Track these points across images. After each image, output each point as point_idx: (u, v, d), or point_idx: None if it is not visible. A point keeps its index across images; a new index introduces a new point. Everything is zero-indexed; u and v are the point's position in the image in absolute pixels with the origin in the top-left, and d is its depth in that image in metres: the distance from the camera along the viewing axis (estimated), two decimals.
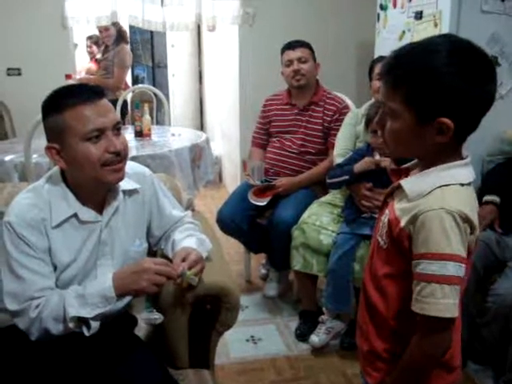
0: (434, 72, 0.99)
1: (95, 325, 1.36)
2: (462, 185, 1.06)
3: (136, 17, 3.97)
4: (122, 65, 4.72)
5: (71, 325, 1.34)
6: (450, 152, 1.07)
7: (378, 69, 2.56)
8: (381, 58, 2.64)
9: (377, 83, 2.56)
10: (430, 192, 1.05)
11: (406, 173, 1.19)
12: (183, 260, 1.48)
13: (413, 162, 1.20)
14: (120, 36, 4.74)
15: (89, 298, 1.36)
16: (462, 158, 1.09)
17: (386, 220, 1.14)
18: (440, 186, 1.04)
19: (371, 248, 1.25)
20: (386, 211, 1.16)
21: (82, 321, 1.35)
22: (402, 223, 1.07)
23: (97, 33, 5.04)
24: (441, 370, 1.14)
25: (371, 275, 1.21)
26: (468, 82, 0.98)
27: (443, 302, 1.00)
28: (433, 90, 0.99)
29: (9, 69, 4.06)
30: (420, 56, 1.02)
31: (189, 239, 1.61)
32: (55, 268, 1.43)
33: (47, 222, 1.41)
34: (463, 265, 1.01)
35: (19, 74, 4.08)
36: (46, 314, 1.34)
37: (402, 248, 1.08)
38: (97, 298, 1.36)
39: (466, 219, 1.02)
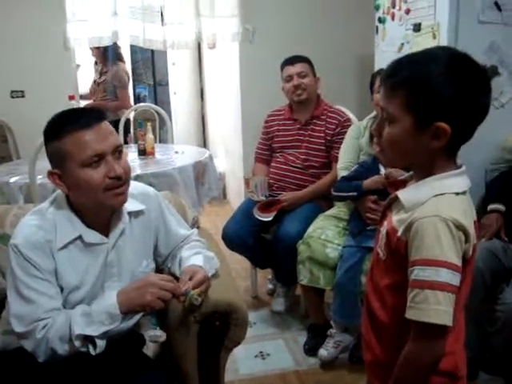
0: (432, 78, 1.03)
1: (101, 343, 1.36)
2: (457, 193, 1.08)
3: (137, 36, 4.01)
4: (123, 85, 4.77)
5: (77, 343, 1.34)
6: (444, 161, 1.09)
7: (378, 82, 2.58)
8: (381, 71, 2.65)
9: (378, 96, 2.57)
10: (425, 201, 1.07)
11: (404, 185, 1.21)
12: (190, 278, 1.47)
13: (409, 174, 1.22)
14: (115, 55, 4.78)
15: (94, 316, 1.36)
16: (457, 168, 1.11)
17: (385, 232, 1.15)
18: (435, 195, 1.06)
19: (372, 260, 1.26)
20: (385, 223, 1.18)
21: (88, 340, 1.35)
22: (399, 232, 1.09)
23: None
24: (445, 379, 1.13)
25: (373, 287, 1.22)
26: (463, 90, 1.02)
27: (436, 308, 1.00)
28: (431, 95, 1.02)
29: (12, 91, 4.10)
30: (420, 63, 1.07)
31: (196, 257, 1.61)
32: (62, 290, 1.43)
33: (53, 244, 1.41)
34: (457, 273, 1.02)
35: (23, 97, 4.12)
36: (53, 334, 1.34)
37: (400, 258, 1.09)
38: (102, 316, 1.36)
39: (461, 227, 1.03)
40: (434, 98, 1.03)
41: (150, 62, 7.85)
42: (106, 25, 3.96)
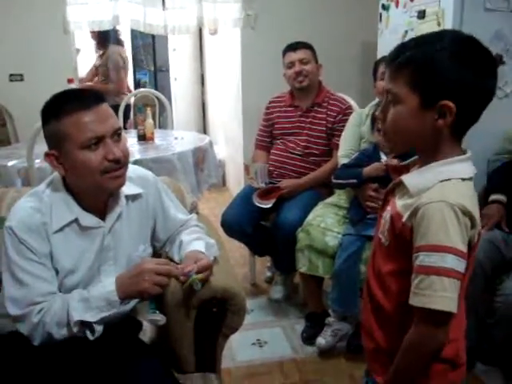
0: (437, 57, 1.02)
1: (99, 329, 1.35)
2: (463, 179, 1.07)
3: (138, 21, 3.97)
4: (117, 67, 4.74)
5: (75, 329, 1.33)
6: (450, 145, 1.08)
7: (382, 69, 2.55)
8: (385, 58, 2.62)
9: (381, 83, 2.54)
10: (431, 186, 1.05)
11: (407, 170, 1.20)
12: (195, 262, 1.46)
13: (412, 159, 1.21)
14: (107, 37, 4.74)
15: (93, 302, 1.35)
16: (463, 153, 1.10)
17: (388, 217, 1.14)
18: (441, 181, 1.05)
19: (373, 246, 1.25)
20: (388, 208, 1.16)
21: (86, 325, 1.34)
22: (404, 218, 1.07)
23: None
24: (446, 366, 1.12)
25: (374, 273, 1.20)
26: (469, 70, 1.01)
27: (442, 295, 0.99)
28: (436, 73, 1.02)
29: (11, 75, 4.07)
30: (425, 43, 1.07)
31: (198, 242, 1.60)
32: (57, 273, 1.42)
33: (48, 227, 1.40)
34: (462, 259, 1.01)
35: (22, 80, 4.09)
36: (50, 319, 1.33)
37: (405, 243, 1.08)
38: (101, 302, 1.36)
39: (467, 212, 1.02)
40: (439, 76, 1.02)
41: (150, 47, 7.79)
42: (107, 9, 3.91)
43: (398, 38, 3.03)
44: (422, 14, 2.81)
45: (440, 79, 1.02)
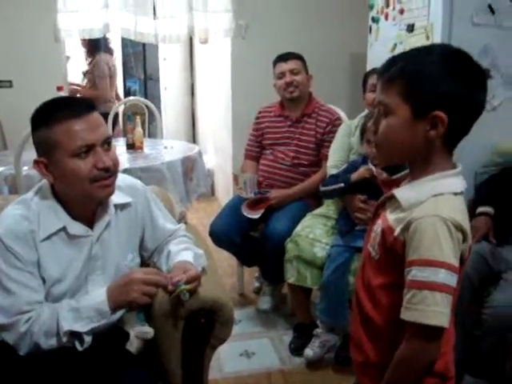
0: (428, 68, 1.04)
1: (88, 339, 1.34)
2: (456, 194, 1.07)
3: (128, 29, 3.96)
4: (102, 74, 4.77)
5: (64, 339, 1.32)
6: (441, 158, 1.09)
7: (371, 80, 2.56)
8: (374, 71, 2.64)
9: (371, 95, 2.56)
10: (424, 201, 1.05)
11: (397, 184, 1.20)
12: (183, 272, 1.45)
13: (403, 173, 1.21)
14: (97, 45, 4.77)
15: (83, 312, 1.34)
16: (454, 167, 1.10)
17: (379, 230, 1.14)
18: (434, 195, 1.05)
19: (362, 258, 1.25)
20: (379, 221, 1.16)
21: (76, 335, 1.33)
22: (396, 232, 1.07)
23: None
24: (436, 380, 1.12)
25: (364, 286, 1.20)
26: (459, 81, 1.03)
27: (434, 310, 1.00)
28: (428, 84, 1.03)
29: (0, 81, 4.04)
30: (416, 55, 1.09)
31: (186, 252, 1.59)
32: (44, 282, 1.40)
33: (36, 235, 1.38)
34: (454, 274, 1.01)
35: (10, 87, 4.06)
36: (38, 329, 1.32)
37: (396, 257, 1.08)
38: (91, 312, 1.35)
39: (459, 227, 1.02)
40: (430, 87, 1.03)
41: (141, 55, 7.79)
42: (97, 16, 3.90)
43: (387, 50, 3.04)
44: (411, 28, 2.83)
45: (431, 90, 1.03)
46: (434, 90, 1.03)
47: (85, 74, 4.90)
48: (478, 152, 2.54)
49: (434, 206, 1.04)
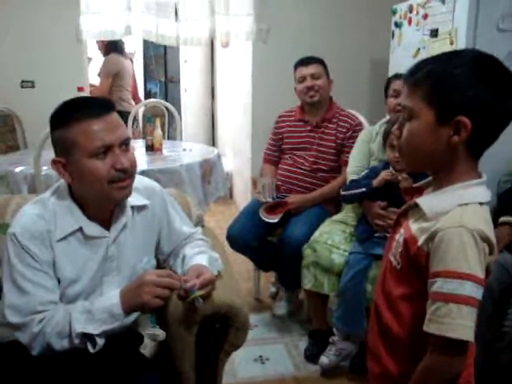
0: (455, 72, 1.01)
1: (101, 342, 1.33)
2: (481, 204, 1.05)
3: (150, 31, 3.99)
4: (106, 73, 4.81)
5: (76, 341, 1.31)
6: (465, 167, 1.06)
7: (394, 86, 2.53)
8: (397, 76, 2.61)
9: (393, 101, 2.53)
10: (449, 210, 1.03)
11: (420, 192, 1.17)
12: (197, 276, 1.43)
13: (426, 181, 1.19)
14: (111, 47, 4.81)
15: (96, 314, 1.33)
16: (479, 177, 1.07)
17: (402, 239, 1.11)
18: (460, 205, 1.03)
19: (383, 268, 1.22)
20: (401, 231, 1.14)
21: (88, 337, 1.32)
22: (420, 242, 1.05)
23: None
24: None
25: (384, 296, 1.17)
26: (487, 87, 1.00)
27: (460, 323, 0.97)
28: (453, 88, 1.00)
29: (23, 81, 4.09)
30: (444, 59, 1.06)
31: (201, 256, 1.57)
32: (59, 282, 1.40)
33: (52, 235, 1.38)
34: (480, 286, 0.98)
35: (33, 87, 4.11)
36: (51, 329, 1.31)
37: (419, 268, 1.05)
38: (104, 314, 1.33)
39: (486, 239, 1.00)
40: (455, 91, 1.00)
41: (162, 58, 7.84)
42: (120, 19, 3.93)
43: (410, 55, 3.02)
44: (434, 33, 2.80)
45: (456, 95, 1.00)
46: (459, 94, 1.00)
47: (98, 74, 4.97)
48: (501, 160, 2.49)
49: (459, 216, 1.01)
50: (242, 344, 1.56)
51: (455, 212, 1.02)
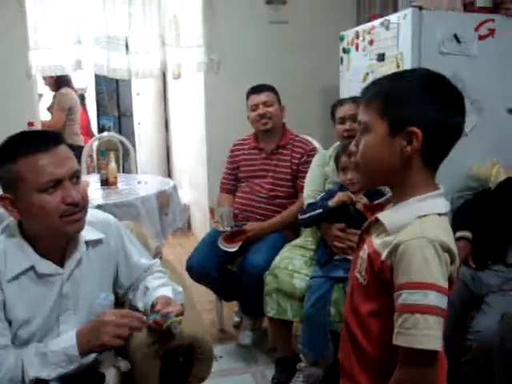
0: (406, 85, 1.07)
1: None
2: (440, 214, 1.07)
3: (101, 65, 3.95)
4: (61, 107, 4.79)
5: None
6: (422, 180, 1.08)
7: (339, 113, 2.57)
8: (340, 102, 2.66)
9: (340, 127, 2.57)
10: (409, 223, 1.04)
11: (381, 208, 1.18)
12: (167, 306, 1.41)
13: (386, 197, 1.21)
14: (61, 81, 4.79)
15: (51, 357, 1.28)
16: (436, 189, 1.10)
17: (365, 256, 1.12)
18: (419, 217, 1.04)
19: (349, 286, 1.22)
20: (364, 247, 1.15)
21: (42, 382, 1.26)
22: (383, 256, 1.06)
23: None
24: None
25: (353, 314, 1.17)
26: (436, 100, 1.05)
27: (427, 334, 0.97)
28: (404, 100, 1.05)
29: None
30: (396, 76, 1.15)
31: (165, 288, 1.55)
32: (10, 324, 1.34)
33: (2, 275, 1.32)
34: (445, 296, 0.99)
35: None
36: (1, 376, 1.24)
37: (384, 282, 1.06)
38: (59, 357, 1.28)
39: (447, 248, 1.01)
40: (406, 103, 1.05)
41: (114, 93, 7.80)
42: (69, 53, 3.88)
43: (359, 80, 3.09)
44: (381, 57, 2.88)
45: (406, 107, 1.05)
46: (409, 106, 1.05)
47: (48, 109, 4.94)
48: (453, 177, 2.56)
49: (419, 227, 1.03)
50: (207, 376, 1.53)
51: (415, 224, 1.04)
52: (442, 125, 1.05)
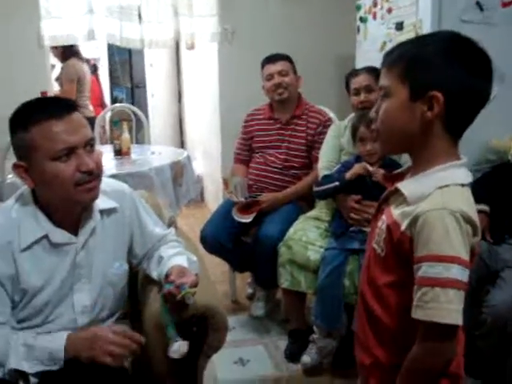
0: (428, 49, 1.02)
1: (34, 380, 1.25)
2: (462, 185, 1.03)
3: (114, 35, 3.91)
4: (68, 78, 4.80)
5: (7, 375, 1.24)
6: (444, 149, 1.05)
7: (354, 84, 2.51)
8: (355, 72, 2.60)
9: (355, 98, 2.51)
10: (430, 193, 1.01)
11: (401, 178, 1.15)
12: (181, 276, 1.40)
13: (406, 167, 1.18)
14: (69, 52, 4.78)
15: (36, 351, 1.26)
16: (459, 159, 1.06)
17: (384, 226, 1.09)
18: (440, 187, 1.01)
19: (366, 257, 1.20)
20: (383, 217, 1.12)
21: (21, 373, 1.25)
22: (403, 227, 1.03)
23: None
24: (449, 380, 1.07)
25: (369, 285, 1.15)
26: (459, 64, 1.00)
27: (447, 308, 0.95)
28: (425, 64, 1.01)
29: None
30: (420, 39, 1.11)
31: (180, 257, 1.54)
32: (25, 293, 1.33)
33: (15, 245, 1.31)
34: (467, 269, 0.97)
35: None
36: None
37: (403, 253, 1.03)
38: (44, 355, 1.26)
39: (469, 220, 0.98)
40: (428, 67, 1.01)
41: (127, 64, 7.73)
42: (82, 23, 3.84)
43: (376, 49, 3.02)
44: (399, 26, 2.81)
45: (428, 70, 1.01)
46: (431, 70, 1.01)
47: (56, 79, 4.94)
48: (471, 149, 2.50)
49: (441, 198, 1.00)
50: (221, 345, 1.53)
51: (436, 194, 1.01)
52: (464, 90, 1.01)
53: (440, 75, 1.00)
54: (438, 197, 1.00)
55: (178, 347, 1.32)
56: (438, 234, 0.96)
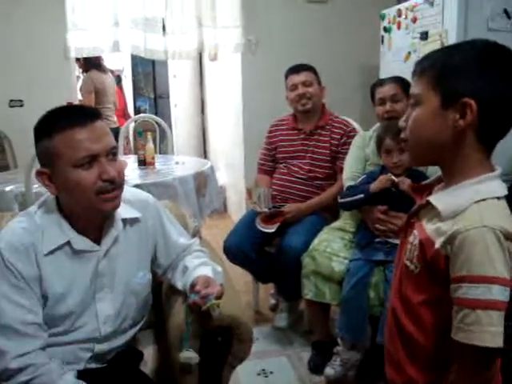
0: (461, 57, 0.99)
1: None
2: (499, 198, 0.99)
3: (138, 46, 3.96)
4: (86, 89, 4.94)
5: None
6: (477, 160, 1.01)
7: (379, 94, 2.48)
8: (380, 82, 2.57)
9: (380, 108, 2.49)
10: (466, 208, 0.97)
11: (430, 189, 1.12)
12: (206, 287, 1.40)
13: (435, 178, 1.14)
14: (89, 63, 4.89)
15: None
16: (492, 170, 1.02)
17: (417, 242, 1.05)
18: (477, 201, 0.97)
19: (398, 273, 1.15)
20: (415, 232, 1.07)
21: None
22: (437, 244, 0.99)
23: None
24: None
25: (401, 301, 1.11)
26: (495, 74, 0.97)
27: (490, 330, 0.91)
28: (459, 71, 0.98)
29: (11, 100, 4.04)
30: (450, 47, 1.06)
31: (205, 268, 1.53)
32: (46, 300, 1.33)
33: (38, 249, 1.32)
34: (508, 288, 0.93)
35: (21, 106, 4.05)
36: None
37: (438, 271, 0.99)
38: None
39: (509, 236, 0.94)
40: (461, 74, 0.98)
41: (150, 75, 7.82)
42: (107, 35, 3.90)
43: (400, 59, 3.01)
44: (424, 35, 2.79)
45: (461, 77, 0.98)
46: (464, 77, 0.98)
47: (80, 90, 5.05)
48: (501, 161, 2.46)
49: (478, 214, 0.95)
50: (246, 356, 1.52)
51: (473, 210, 0.97)
52: (498, 98, 0.97)
53: (472, 82, 0.97)
54: (476, 213, 0.96)
55: (187, 355, 1.36)
56: (479, 253, 0.93)
